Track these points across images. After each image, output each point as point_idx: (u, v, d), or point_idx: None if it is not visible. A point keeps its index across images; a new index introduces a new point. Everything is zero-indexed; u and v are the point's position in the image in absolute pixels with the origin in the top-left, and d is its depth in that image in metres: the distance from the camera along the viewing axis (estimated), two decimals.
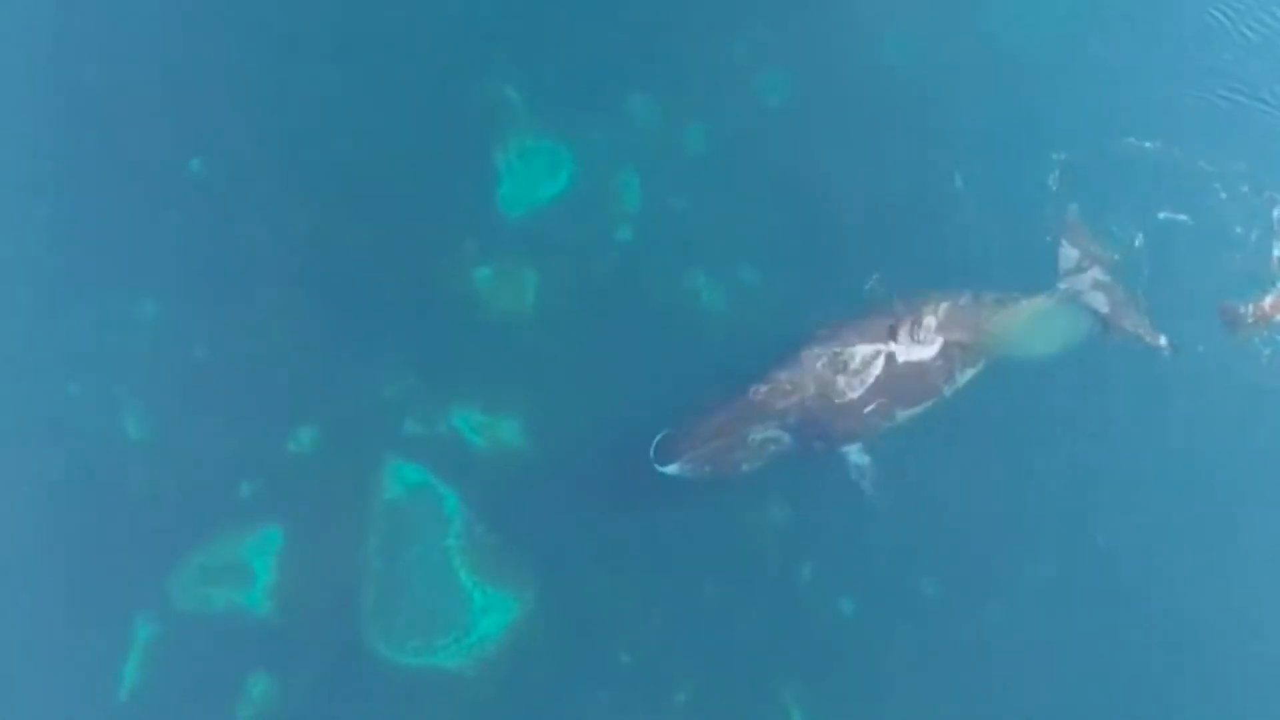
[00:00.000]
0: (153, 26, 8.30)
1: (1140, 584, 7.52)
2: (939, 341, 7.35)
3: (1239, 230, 8.00)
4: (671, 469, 6.88)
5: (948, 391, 7.49)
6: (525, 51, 8.34)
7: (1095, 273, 7.96)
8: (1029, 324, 7.81)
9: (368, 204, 8.05)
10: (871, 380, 7.21)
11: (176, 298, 7.81)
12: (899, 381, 7.29)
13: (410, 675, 7.14)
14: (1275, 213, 7.99)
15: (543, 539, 7.46)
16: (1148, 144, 8.17)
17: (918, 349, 7.30)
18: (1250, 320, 7.65)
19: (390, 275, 7.94)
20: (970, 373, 7.58)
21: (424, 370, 7.79)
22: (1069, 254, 8.00)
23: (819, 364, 7.17)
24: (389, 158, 8.13)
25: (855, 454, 7.41)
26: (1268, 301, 7.69)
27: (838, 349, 7.20)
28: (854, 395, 7.20)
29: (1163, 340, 7.75)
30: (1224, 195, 8.08)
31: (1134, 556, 7.57)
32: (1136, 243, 7.97)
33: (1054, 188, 8.21)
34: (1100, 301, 7.86)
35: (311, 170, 8.09)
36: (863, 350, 7.22)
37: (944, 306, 7.43)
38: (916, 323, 7.30)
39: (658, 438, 6.89)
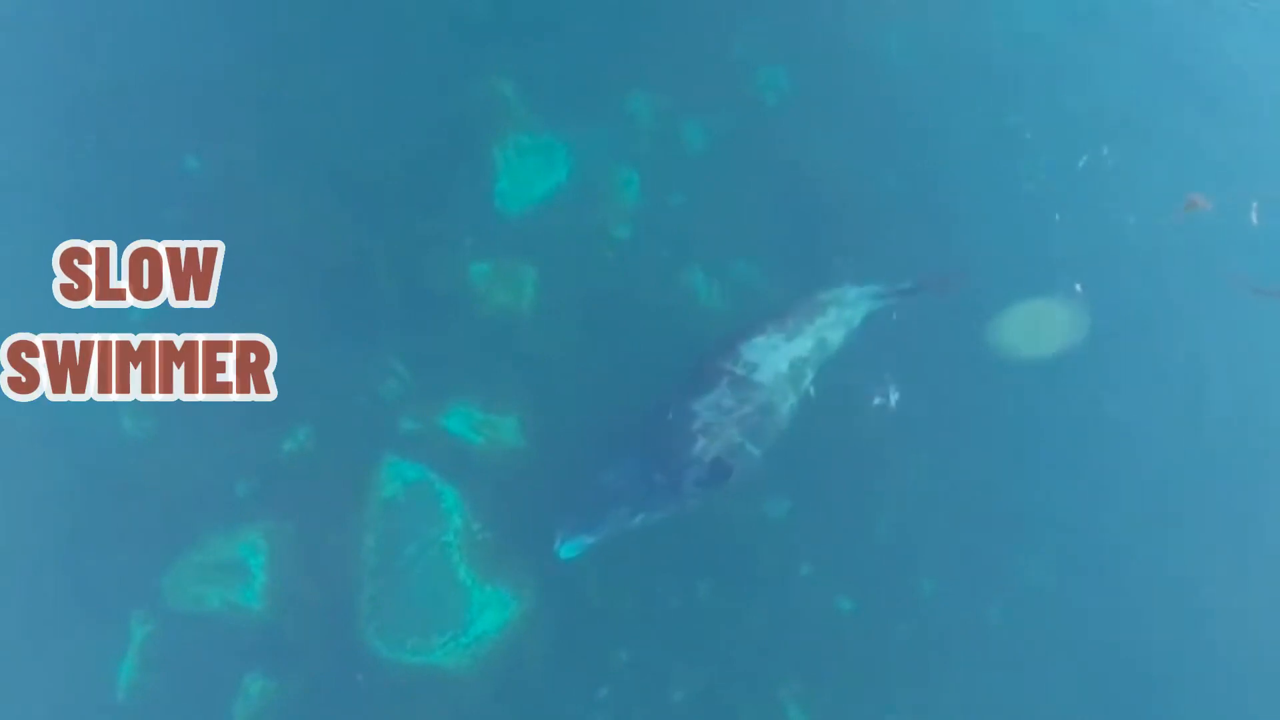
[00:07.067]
0: (148, 24, 8.22)
1: (1141, 583, 7.55)
2: None
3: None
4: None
5: None
6: (523, 47, 8.30)
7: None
8: (1029, 324, 7.82)
9: (364, 201, 7.98)
10: None
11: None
12: None
13: (408, 673, 7.11)
14: None
15: (541, 537, 7.40)
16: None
17: None
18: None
19: (387, 272, 7.88)
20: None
21: (421, 367, 7.73)
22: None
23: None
24: (385, 154, 8.07)
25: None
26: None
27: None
28: None
29: None
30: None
31: (1134, 555, 7.59)
32: None
33: (1053, 184, 8.24)
34: None
35: (307, 167, 8.02)
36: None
37: None
38: None
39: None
